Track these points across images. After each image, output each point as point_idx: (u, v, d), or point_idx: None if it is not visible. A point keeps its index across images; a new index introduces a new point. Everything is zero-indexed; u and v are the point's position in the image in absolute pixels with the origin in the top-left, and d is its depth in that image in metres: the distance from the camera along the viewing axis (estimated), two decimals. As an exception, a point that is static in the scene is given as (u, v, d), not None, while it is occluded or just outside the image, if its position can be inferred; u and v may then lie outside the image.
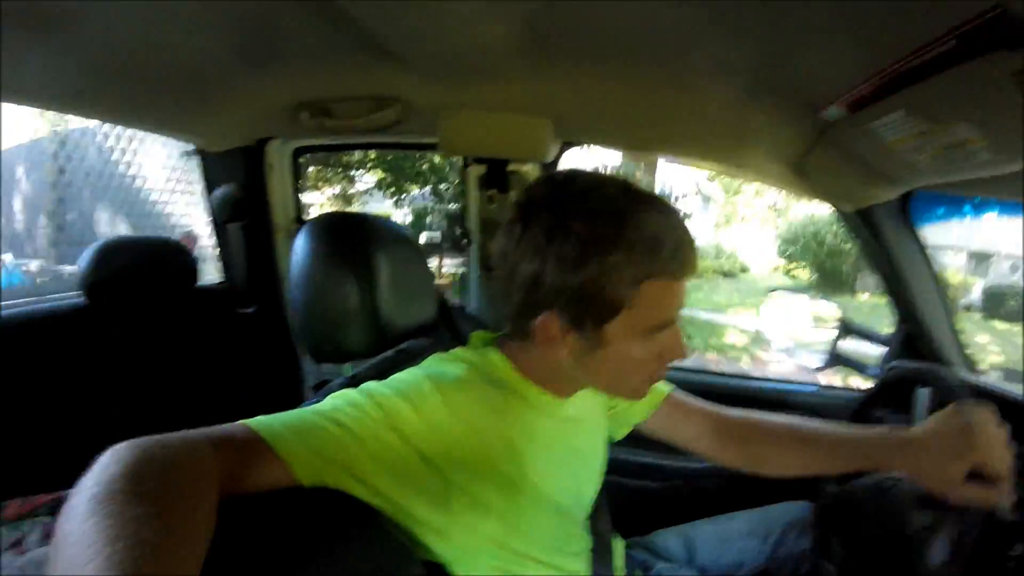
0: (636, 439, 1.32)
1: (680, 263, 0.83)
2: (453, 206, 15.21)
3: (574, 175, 0.87)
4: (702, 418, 1.25)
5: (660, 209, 0.84)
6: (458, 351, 0.99)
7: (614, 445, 1.22)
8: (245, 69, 1.45)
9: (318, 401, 0.85)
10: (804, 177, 1.45)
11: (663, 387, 1.24)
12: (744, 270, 14.92)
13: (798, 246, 13.33)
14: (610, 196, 0.83)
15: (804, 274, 13.51)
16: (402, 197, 13.14)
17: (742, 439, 1.23)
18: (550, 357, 0.91)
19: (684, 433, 1.26)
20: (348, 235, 1.18)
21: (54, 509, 1.47)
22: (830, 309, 1.93)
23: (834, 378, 2.15)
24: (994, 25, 0.69)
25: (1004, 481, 0.92)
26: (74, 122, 3.09)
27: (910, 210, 1.52)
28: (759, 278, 14.44)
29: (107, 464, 0.57)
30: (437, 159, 13.41)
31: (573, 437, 1.01)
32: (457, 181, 14.69)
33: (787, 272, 13.99)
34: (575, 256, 0.80)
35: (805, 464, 1.18)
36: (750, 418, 1.25)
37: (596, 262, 0.79)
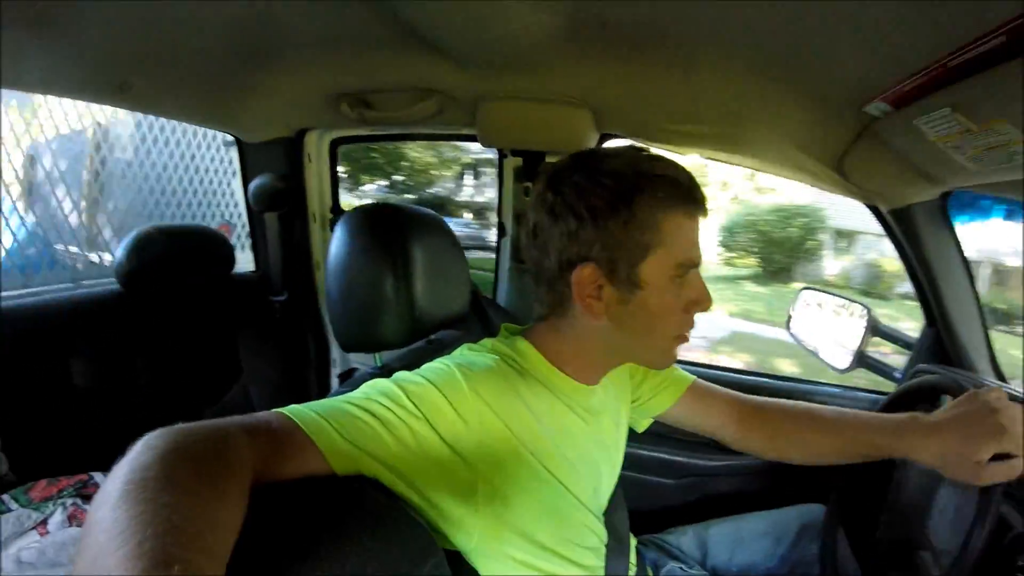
0: (653, 434, 1.32)
1: (695, 199, 0.91)
2: (408, 196, 15.49)
3: (592, 150, 0.97)
4: (726, 406, 1.27)
5: (670, 159, 0.92)
6: (487, 341, 1.01)
7: (631, 440, 1.22)
8: (286, 60, 1.47)
9: (349, 390, 0.86)
10: (843, 175, 1.44)
11: (685, 376, 1.26)
12: (694, 262, 15.66)
13: (737, 235, 13.95)
14: (628, 154, 0.92)
15: (745, 263, 14.09)
16: (358, 188, 13.44)
17: (767, 425, 1.25)
18: (583, 327, 0.94)
19: (709, 422, 1.27)
20: (387, 226, 1.20)
21: (79, 490, 1.51)
22: (858, 310, 1.92)
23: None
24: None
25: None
26: (116, 115, 3.15)
27: (950, 211, 1.50)
28: (704, 269, 15.11)
29: (140, 452, 0.58)
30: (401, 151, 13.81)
31: (596, 429, 1.02)
32: (408, 175, 15.06)
33: (727, 262, 14.49)
34: (607, 204, 0.86)
35: (830, 449, 1.19)
36: (775, 404, 1.27)
37: (625, 206, 0.86)
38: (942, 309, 1.60)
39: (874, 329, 1.81)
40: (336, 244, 1.19)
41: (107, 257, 3.03)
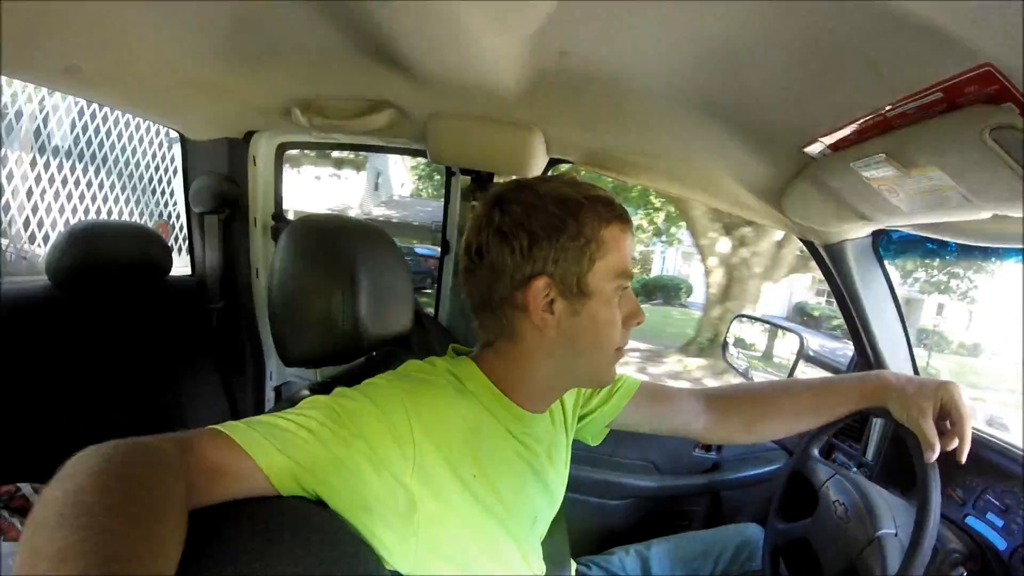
0: (595, 456, 1.33)
1: (627, 217, 0.98)
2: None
3: (532, 177, 1.02)
4: (689, 400, 1.29)
5: (599, 186, 0.99)
6: (434, 360, 1.01)
7: (574, 462, 1.22)
8: (241, 62, 1.44)
9: (286, 404, 0.85)
10: (781, 211, 1.49)
11: (634, 380, 1.28)
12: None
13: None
14: (565, 180, 0.97)
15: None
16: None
17: (738, 406, 1.28)
18: (531, 348, 0.96)
19: (672, 420, 1.29)
20: (335, 240, 1.18)
21: (6, 503, 1.44)
22: (791, 337, 1.99)
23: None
24: (980, 81, 0.73)
25: (965, 433, 1.10)
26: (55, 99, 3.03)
27: (881, 248, 1.57)
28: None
29: (72, 473, 0.57)
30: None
31: (537, 459, 1.03)
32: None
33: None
34: (558, 219, 0.90)
35: (802, 411, 1.26)
36: (742, 387, 1.33)
37: (574, 220, 0.92)
38: (871, 339, 1.67)
39: (806, 356, 1.88)
40: (281, 255, 1.17)
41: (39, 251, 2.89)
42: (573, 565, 1.26)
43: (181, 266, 2.38)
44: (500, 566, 0.94)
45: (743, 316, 2.25)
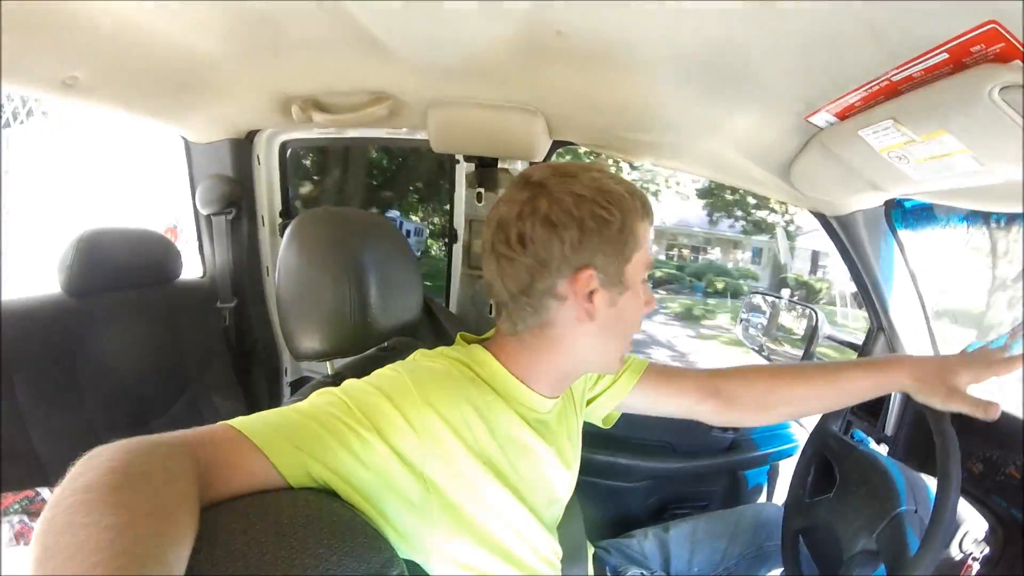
0: (610, 439, 1.32)
1: (652, 211, 0.98)
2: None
3: (568, 163, 0.98)
4: (697, 381, 1.27)
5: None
6: (443, 349, 1.00)
7: (589, 445, 1.21)
8: (239, 61, 1.44)
9: (300, 400, 0.85)
10: (790, 183, 1.47)
11: (641, 360, 1.26)
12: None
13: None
14: (602, 170, 0.96)
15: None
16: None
17: (748, 389, 1.26)
18: (562, 337, 0.95)
19: (681, 401, 1.27)
20: (337, 233, 1.18)
21: (25, 508, 1.45)
22: (806, 313, 1.97)
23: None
24: (986, 39, 0.71)
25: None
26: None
27: (893, 217, 1.55)
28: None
29: (81, 472, 0.57)
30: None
31: (551, 442, 1.02)
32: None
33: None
34: (607, 212, 0.89)
35: (818, 399, 1.24)
36: (749, 368, 1.29)
37: (619, 212, 0.91)
38: (887, 312, 1.65)
39: (820, 332, 1.86)
40: (286, 252, 1.17)
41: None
42: (591, 549, 1.25)
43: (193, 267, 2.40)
44: (519, 551, 0.93)
45: (758, 292, 2.22)
